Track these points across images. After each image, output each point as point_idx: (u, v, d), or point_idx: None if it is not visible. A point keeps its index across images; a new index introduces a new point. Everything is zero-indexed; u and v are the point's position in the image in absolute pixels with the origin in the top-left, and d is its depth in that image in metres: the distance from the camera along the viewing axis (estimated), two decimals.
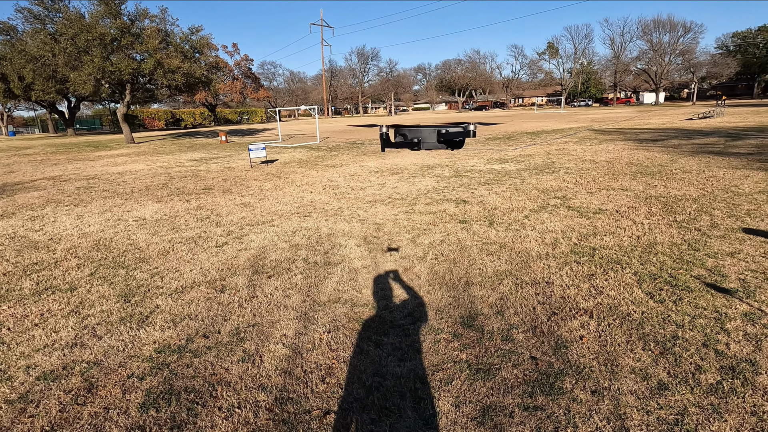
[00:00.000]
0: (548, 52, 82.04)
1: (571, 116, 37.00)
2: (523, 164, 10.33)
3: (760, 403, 2.02)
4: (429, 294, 3.43)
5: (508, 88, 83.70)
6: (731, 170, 8.07)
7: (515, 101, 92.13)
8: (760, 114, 25.04)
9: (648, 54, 64.08)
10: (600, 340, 2.64)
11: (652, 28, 63.95)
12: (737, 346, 2.48)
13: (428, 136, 1.39)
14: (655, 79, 62.62)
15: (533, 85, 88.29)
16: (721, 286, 3.26)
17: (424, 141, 1.40)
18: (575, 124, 24.84)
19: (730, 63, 59.87)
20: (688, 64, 61.40)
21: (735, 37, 67.37)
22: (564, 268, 3.81)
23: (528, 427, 1.97)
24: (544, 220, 5.40)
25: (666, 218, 5.16)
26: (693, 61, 61.53)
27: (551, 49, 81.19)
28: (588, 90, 77.23)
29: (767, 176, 7.30)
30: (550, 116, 39.18)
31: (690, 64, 61.18)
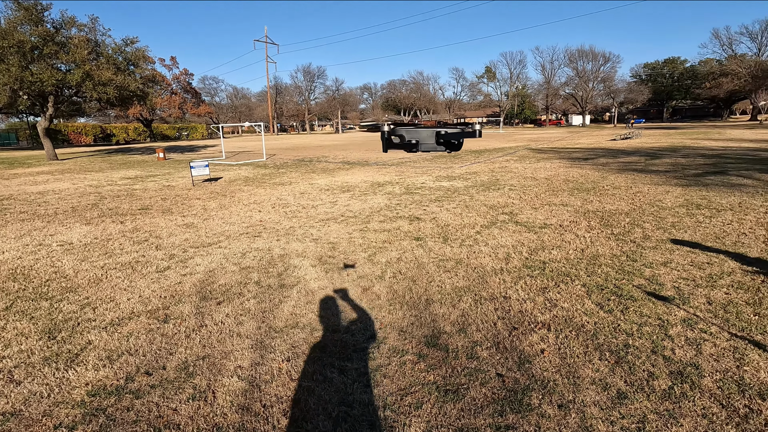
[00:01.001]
0: (486, 76, 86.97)
1: (510, 136, 39.20)
2: (470, 181, 10.69)
3: (708, 406, 2.15)
4: (390, 314, 3.36)
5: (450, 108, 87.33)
6: (654, 186, 8.87)
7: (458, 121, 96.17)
8: (671, 136, 28.03)
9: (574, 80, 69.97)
10: (560, 352, 2.70)
11: (577, 56, 70.09)
12: (681, 351, 2.65)
13: (427, 137, 1.34)
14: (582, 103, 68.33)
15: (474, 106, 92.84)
16: (660, 294, 3.51)
17: (422, 142, 1.35)
18: (514, 144, 26.31)
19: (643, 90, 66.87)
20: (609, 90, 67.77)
21: (646, 67, 75.58)
22: (519, 282, 3.92)
23: None
24: (495, 235, 5.56)
25: (604, 231, 5.52)
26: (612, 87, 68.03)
27: (489, 72, 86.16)
28: (523, 112, 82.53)
29: (684, 191, 8.10)
30: (491, 136, 41.23)
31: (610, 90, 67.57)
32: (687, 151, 16.75)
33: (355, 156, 20.69)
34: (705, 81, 62.71)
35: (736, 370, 2.44)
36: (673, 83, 71.68)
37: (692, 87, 67.93)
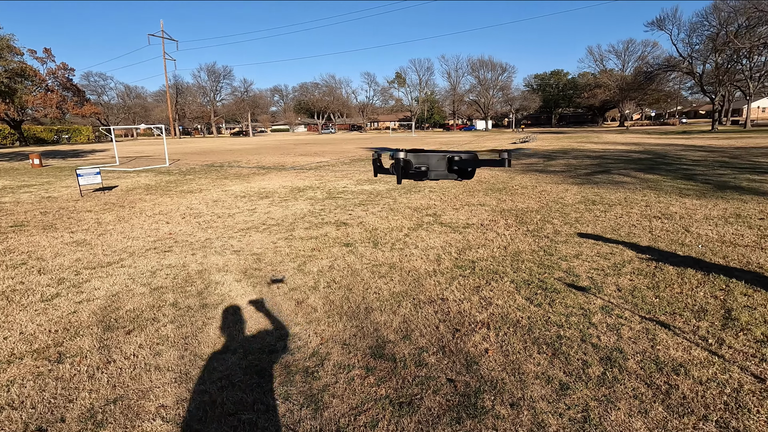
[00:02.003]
0: (397, 81, 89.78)
1: (422, 140, 40.81)
2: (391, 184, 10.82)
3: (637, 386, 2.35)
4: (330, 327, 3.19)
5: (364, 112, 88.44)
6: (555, 185, 9.79)
7: (371, 125, 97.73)
8: (560, 140, 31.43)
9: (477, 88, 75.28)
10: (503, 350, 2.78)
11: (478, 66, 75.52)
12: (605, 337, 2.88)
13: (437, 164, 1.24)
14: (484, 109, 73.76)
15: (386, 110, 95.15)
16: (578, 285, 3.81)
17: (431, 169, 1.23)
18: (427, 147, 27.37)
19: (535, 98, 74.28)
20: (507, 98, 74.08)
21: (536, 78, 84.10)
22: (453, 283, 3.99)
23: None
24: (423, 237, 5.65)
25: (521, 228, 5.91)
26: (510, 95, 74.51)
27: (399, 78, 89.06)
28: (432, 116, 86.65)
29: (580, 189, 9.05)
30: (404, 139, 42.55)
31: (508, 97, 73.92)
32: (576, 153, 18.87)
33: (270, 160, 19.86)
34: (583, 91, 71.65)
35: (652, 350, 2.71)
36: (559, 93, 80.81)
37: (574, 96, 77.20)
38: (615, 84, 64.57)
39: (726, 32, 38.98)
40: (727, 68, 41.81)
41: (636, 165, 13.33)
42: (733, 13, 38.19)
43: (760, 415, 2.09)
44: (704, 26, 42.47)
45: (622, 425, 2.06)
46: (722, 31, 39.52)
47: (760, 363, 2.53)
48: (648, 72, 54.15)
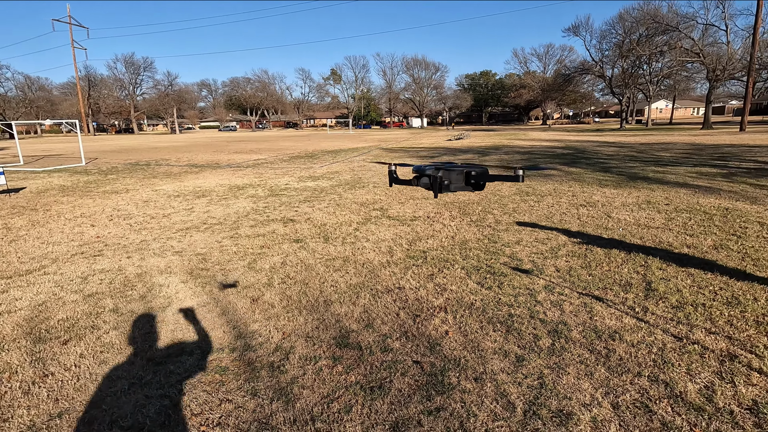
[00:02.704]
0: (333, 78, 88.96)
1: (360, 137, 40.92)
2: (334, 180, 10.78)
3: (581, 353, 2.61)
4: (291, 321, 3.16)
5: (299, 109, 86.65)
6: None
7: (307, 122, 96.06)
8: (491, 137, 33.16)
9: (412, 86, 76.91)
10: (461, 331, 2.93)
11: (412, 64, 77.14)
12: (551, 313, 3.15)
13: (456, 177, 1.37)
14: (419, 107, 75.59)
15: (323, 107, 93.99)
16: (521, 268, 4.11)
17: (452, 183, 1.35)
18: (366, 144, 27.54)
19: (466, 97, 77.54)
20: (440, 96, 76.54)
21: (467, 77, 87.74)
22: (407, 272, 4.11)
23: (439, 429, 2.00)
24: (373, 230, 5.73)
25: (465, 219, 6.20)
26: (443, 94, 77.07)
27: (335, 75, 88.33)
28: (369, 114, 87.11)
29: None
30: (342, 136, 42.37)
31: (441, 96, 76.39)
32: (507, 149, 20.04)
33: (203, 158, 18.84)
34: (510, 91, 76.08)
35: (590, 320, 3.02)
36: (488, 92, 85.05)
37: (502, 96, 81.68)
38: (538, 85, 69.35)
39: (630, 40, 43.43)
40: (632, 73, 46.63)
41: (560, 159, 14.47)
42: (635, 23, 42.64)
43: (681, 367, 2.43)
44: (612, 34, 47.02)
45: (573, 387, 2.29)
46: (627, 39, 43.97)
47: (677, 325, 2.92)
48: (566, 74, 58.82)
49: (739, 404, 2.12)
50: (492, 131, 47.24)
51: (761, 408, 2.08)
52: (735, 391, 2.21)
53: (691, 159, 13.35)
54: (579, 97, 67.06)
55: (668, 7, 41.65)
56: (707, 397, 2.18)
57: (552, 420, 2.05)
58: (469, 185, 1.50)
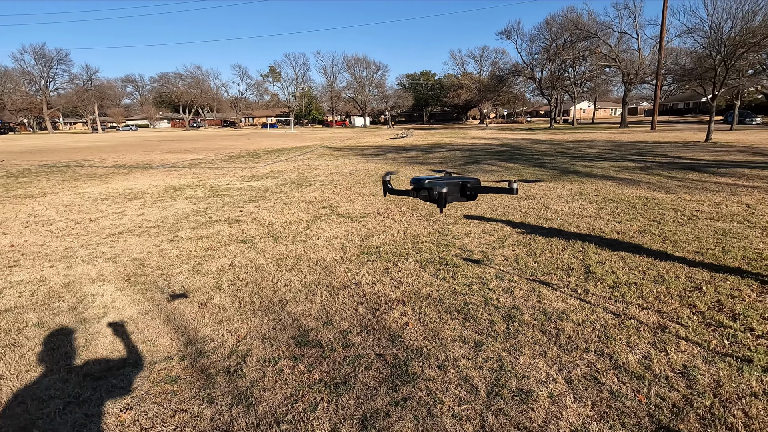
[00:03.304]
0: (272, 75, 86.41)
1: (303, 135, 40.19)
2: (279, 180, 10.49)
3: (534, 334, 2.75)
4: (245, 324, 3.02)
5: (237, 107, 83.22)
6: None
7: (246, 121, 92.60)
8: (433, 135, 34.01)
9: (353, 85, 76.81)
10: (421, 321, 2.97)
11: (353, 63, 77.04)
12: (503, 299, 3.29)
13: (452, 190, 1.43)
14: (361, 106, 75.70)
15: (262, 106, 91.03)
16: (473, 258, 4.25)
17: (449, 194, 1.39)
18: (309, 143, 27.10)
19: (407, 96, 78.86)
20: (382, 96, 77.17)
21: (407, 77, 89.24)
22: (362, 268, 4.09)
23: (407, 418, 2.01)
24: (324, 228, 5.65)
25: (414, 214, 6.30)
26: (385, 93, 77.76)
27: (274, 72, 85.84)
28: (311, 112, 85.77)
29: None
30: (284, 135, 41.35)
31: (383, 95, 77.04)
32: (448, 146, 20.65)
33: (132, 158, 17.50)
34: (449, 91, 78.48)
35: (540, 304, 3.19)
36: (428, 92, 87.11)
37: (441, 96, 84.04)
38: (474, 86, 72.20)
39: (556, 45, 46.55)
40: (558, 75, 50.01)
41: (499, 156, 15.18)
42: (560, 29, 45.77)
43: (621, 341, 2.64)
44: (540, 38, 50.10)
45: (529, 367, 2.40)
46: (553, 43, 47.08)
47: (615, 303, 3.17)
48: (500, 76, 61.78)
49: (672, 369, 2.34)
50: (433, 130, 48.47)
51: (690, 371, 2.32)
52: (668, 358, 2.45)
53: (613, 154, 14.59)
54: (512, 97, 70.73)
55: (588, 15, 45.21)
56: (646, 365, 2.39)
57: (513, 399, 2.14)
58: (464, 196, 1.57)
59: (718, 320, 2.86)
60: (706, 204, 6.32)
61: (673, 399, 2.11)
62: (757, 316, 2.89)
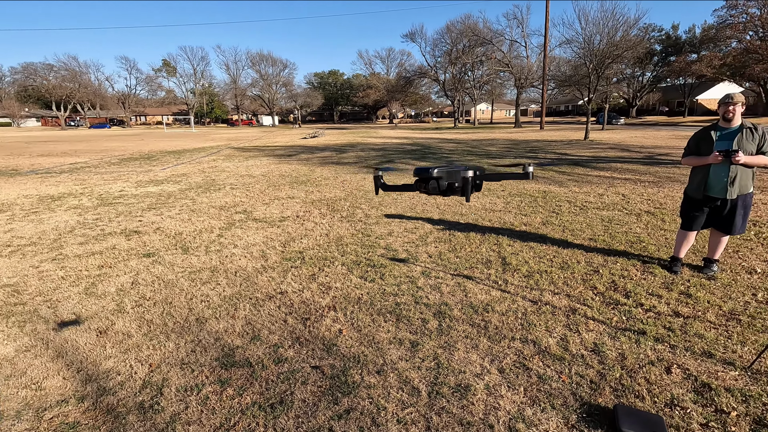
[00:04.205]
0: (166, 70, 79.10)
1: (206, 135, 37.49)
2: (183, 184, 9.63)
3: (465, 328, 2.85)
4: (158, 349, 2.68)
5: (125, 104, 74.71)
6: (353, 174, 10.59)
7: (137, 119, 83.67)
8: (345, 135, 34.03)
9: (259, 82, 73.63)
10: (354, 327, 2.90)
11: (258, 60, 73.82)
12: (432, 296, 3.36)
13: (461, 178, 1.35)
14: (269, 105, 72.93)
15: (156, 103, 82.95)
16: (398, 258, 4.29)
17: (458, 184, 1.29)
18: (214, 143, 25.37)
19: (317, 95, 77.85)
20: (291, 94, 75.15)
21: (316, 76, 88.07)
22: (287, 275, 3.90)
23: (352, 431, 1.94)
24: (240, 235, 5.29)
25: (336, 216, 6.20)
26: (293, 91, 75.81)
27: (168, 66, 78.69)
28: (213, 111, 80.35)
29: None
30: (183, 135, 38.21)
31: (292, 94, 75.05)
32: (362, 146, 20.80)
33: None
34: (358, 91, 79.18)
35: (466, 298, 3.32)
36: (338, 91, 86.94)
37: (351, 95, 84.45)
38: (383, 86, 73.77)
39: (456, 49, 49.53)
40: (460, 78, 53.30)
41: (411, 155, 15.67)
42: (459, 35, 48.78)
43: (541, 326, 2.85)
44: (442, 43, 52.88)
45: (464, 361, 2.48)
46: (454, 48, 50.03)
47: (531, 291, 3.42)
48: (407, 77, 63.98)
49: (586, 348, 2.59)
50: (345, 129, 48.51)
51: (600, 348, 2.58)
52: (581, 338, 2.70)
53: (512, 152, 15.93)
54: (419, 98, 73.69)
55: (483, 23, 48.84)
56: (563, 347, 2.60)
57: (453, 395, 2.18)
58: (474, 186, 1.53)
59: (615, 299, 3.24)
60: (592, 195, 7.18)
61: (590, 375, 2.32)
62: (644, 292, 3.34)
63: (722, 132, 3.38)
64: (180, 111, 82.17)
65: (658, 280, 3.58)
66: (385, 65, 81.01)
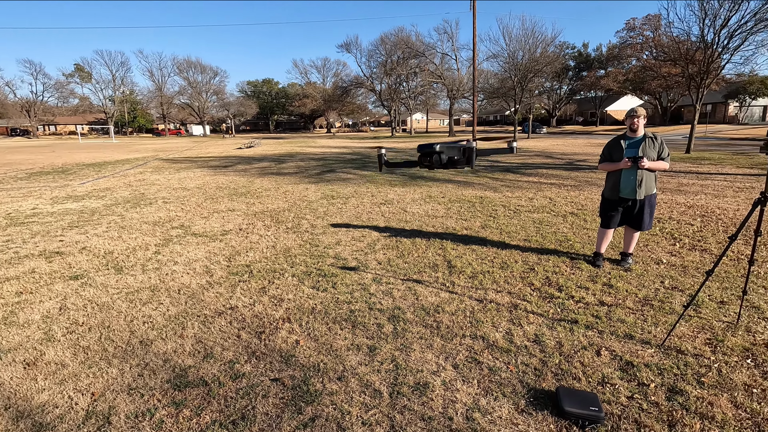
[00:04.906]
0: (79, 75, 72.43)
1: (129, 146, 34.91)
2: (108, 199, 8.93)
3: (419, 330, 2.98)
4: (100, 377, 2.50)
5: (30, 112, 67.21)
6: (294, 185, 10.47)
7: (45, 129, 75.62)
8: (283, 144, 33.40)
9: (188, 90, 69.95)
10: (311, 337, 2.92)
11: (186, 67, 70.15)
12: (385, 301, 3.46)
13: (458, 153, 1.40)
14: (199, 114, 69.48)
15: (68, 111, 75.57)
16: (348, 266, 4.35)
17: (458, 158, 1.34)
18: (140, 154, 23.73)
19: (251, 104, 75.49)
20: (222, 103, 72.17)
21: (249, 84, 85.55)
22: (235, 290, 3.80)
23: None
24: (180, 251, 5.04)
25: (281, 227, 6.12)
26: (226, 100, 72.88)
27: (82, 71, 72.10)
28: (136, 120, 74.90)
29: (318, 187, 10.04)
30: (103, 146, 35.30)
31: (224, 102, 72.11)
32: (301, 156, 20.56)
33: None
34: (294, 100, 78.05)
35: (417, 301, 3.46)
36: (273, 100, 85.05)
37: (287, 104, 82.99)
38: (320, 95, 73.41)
39: (391, 60, 50.76)
40: (395, 88, 54.62)
41: (352, 164, 15.79)
42: (393, 47, 50.09)
43: (488, 323, 3.06)
44: (378, 54, 53.92)
45: (421, 361, 2.60)
46: (389, 59, 51.24)
47: (476, 291, 3.65)
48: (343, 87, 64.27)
49: (528, 339, 2.83)
50: (282, 139, 47.59)
51: (540, 338, 2.83)
52: (523, 330, 2.94)
53: None
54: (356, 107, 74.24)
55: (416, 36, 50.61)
56: (509, 340, 2.82)
57: (414, 393, 2.28)
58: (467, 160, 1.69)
59: (550, 293, 3.55)
60: (523, 199, 7.74)
61: (534, 364, 2.55)
62: (574, 285, 3.70)
63: (630, 141, 3.87)
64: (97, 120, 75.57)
65: (585, 274, 3.98)
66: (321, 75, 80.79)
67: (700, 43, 15.71)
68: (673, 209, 6.59)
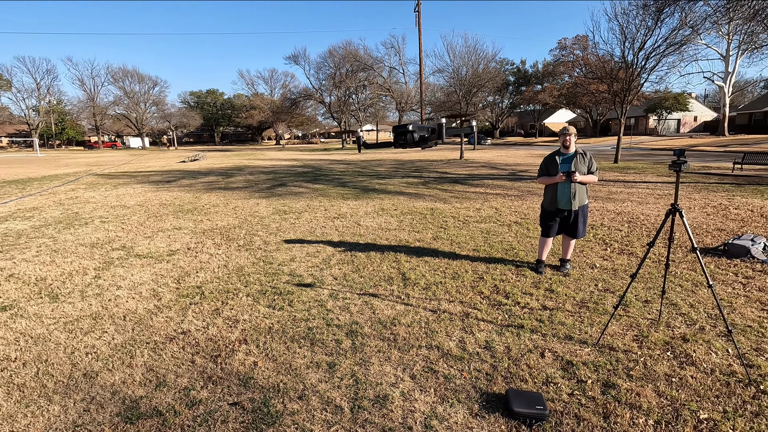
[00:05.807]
0: None
1: (58, 160, 32.28)
2: (35, 220, 8.25)
3: (377, 344, 3.05)
4: (40, 416, 2.34)
5: None
6: (244, 200, 10.23)
7: None
8: (230, 157, 32.40)
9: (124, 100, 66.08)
10: (269, 357, 2.90)
11: (121, 76, 66.32)
12: (342, 317, 3.51)
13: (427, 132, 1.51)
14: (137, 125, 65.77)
15: None
16: (305, 283, 4.35)
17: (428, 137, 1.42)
18: (70, 169, 22.05)
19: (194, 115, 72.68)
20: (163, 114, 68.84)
21: (192, 95, 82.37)
22: (187, 313, 3.69)
23: None
24: (124, 275, 4.79)
25: (232, 245, 5.98)
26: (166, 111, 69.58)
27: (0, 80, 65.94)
28: (65, 131, 69.46)
29: (269, 202, 9.88)
30: (26, 161, 32.40)
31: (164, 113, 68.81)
32: (250, 169, 20.07)
33: None
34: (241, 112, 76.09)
35: (374, 315, 3.54)
36: (218, 111, 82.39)
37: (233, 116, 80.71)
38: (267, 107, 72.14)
39: (340, 73, 51.06)
40: (345, 101, 54.89)
41: (303, 177, 15.68)
42: (342, 59, 50.46)
43: (442, 332, 3.21)
44: (326, 66, 54.00)
45: (380, 374, 2.68)
46: (337, 72, 51.49)
47: (430, 302, 3.80)
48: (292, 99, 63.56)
49: (480, 346, 3.00)
50: (228, 151, 46.15)
51: (491, 344, 3.01)
52: (475, 338, 3.11)
53: (399, 172, 16.97)
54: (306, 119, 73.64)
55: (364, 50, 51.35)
56: (462, 348, 2.98)
57: (374, 406, 2.35)
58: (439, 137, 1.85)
59: (498, 300, 3.78)
60: (471, 210, 8.11)
61: (485, 369, 2.71)
62: (519, 292, 3.96)
63: (563, 157, 4.23)
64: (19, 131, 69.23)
65: (529, 280, 4.26)
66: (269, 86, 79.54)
67: (622, 63, 17.33)
68: (604, 216, 7.20)
